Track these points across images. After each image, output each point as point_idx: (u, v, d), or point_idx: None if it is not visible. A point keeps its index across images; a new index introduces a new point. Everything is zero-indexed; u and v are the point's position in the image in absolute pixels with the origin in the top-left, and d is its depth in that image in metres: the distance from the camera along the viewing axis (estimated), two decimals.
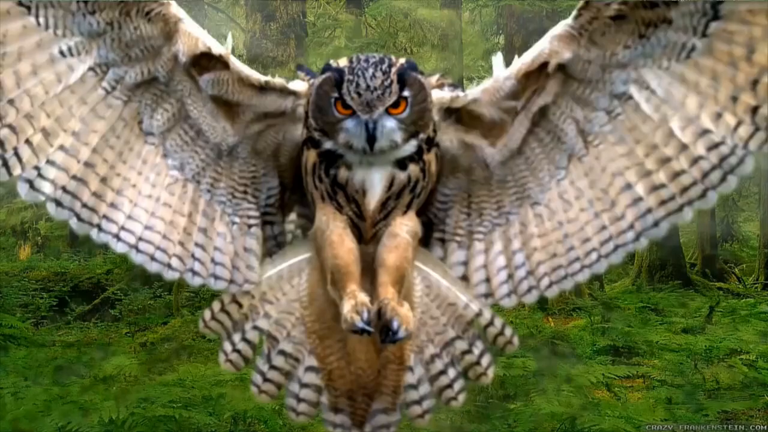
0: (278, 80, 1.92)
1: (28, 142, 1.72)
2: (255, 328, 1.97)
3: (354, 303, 1.79)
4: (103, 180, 1.82)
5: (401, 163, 1.86)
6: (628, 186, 1.82)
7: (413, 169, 1.87)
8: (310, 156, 1.89)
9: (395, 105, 1.79)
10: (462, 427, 5.45)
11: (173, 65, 1.82)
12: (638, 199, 1.82)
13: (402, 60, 1.83)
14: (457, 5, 12.78)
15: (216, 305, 1.97)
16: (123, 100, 1.83)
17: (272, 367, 1.98)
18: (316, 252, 1.95)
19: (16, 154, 1.72)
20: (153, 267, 1.86)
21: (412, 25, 12.23)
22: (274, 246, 2.05)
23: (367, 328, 1.76)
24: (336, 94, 1.79)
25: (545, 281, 1.91)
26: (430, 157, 1.89)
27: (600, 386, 6.24)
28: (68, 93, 1.77)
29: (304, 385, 1.99)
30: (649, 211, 1.81)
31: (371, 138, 1.78)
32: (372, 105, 1.77)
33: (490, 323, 1.99)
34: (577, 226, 1.87)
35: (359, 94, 1.76)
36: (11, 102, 1.70)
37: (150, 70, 1.82)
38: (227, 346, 1.97)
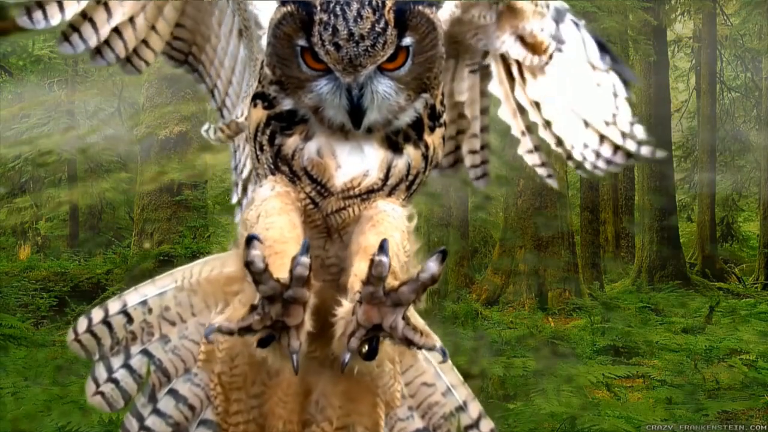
0: None
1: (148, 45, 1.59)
2: (145, 353, 1.43)
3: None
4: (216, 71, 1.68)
5: (393, 142, 1.34)
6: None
7: (413, 154, 1.35)
8: (255, 114, 1.37)
9: (391, 58, 1.26)
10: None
11: None
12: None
13: None
14: None
15: (97, 314, 1.45)
16: None
17: (156, 412, 1.42)
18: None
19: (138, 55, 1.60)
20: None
21: None
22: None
23: (303, 272, 1.11)
24: (303, 42, 1.26)
25: None
26: (434, 138, 1.38)
27: (600, 386, 6.23)
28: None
29: None
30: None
31: (356, 110, 1.27)
32: (357, 63, 1.22)
33: (474, 425, 1.49)
34: None
35: (338, 46, 1.21)
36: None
37: None
38: (99, 372, 1.43)
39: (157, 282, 1.50)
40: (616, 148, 1.55)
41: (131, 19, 1.53)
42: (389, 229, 1.29)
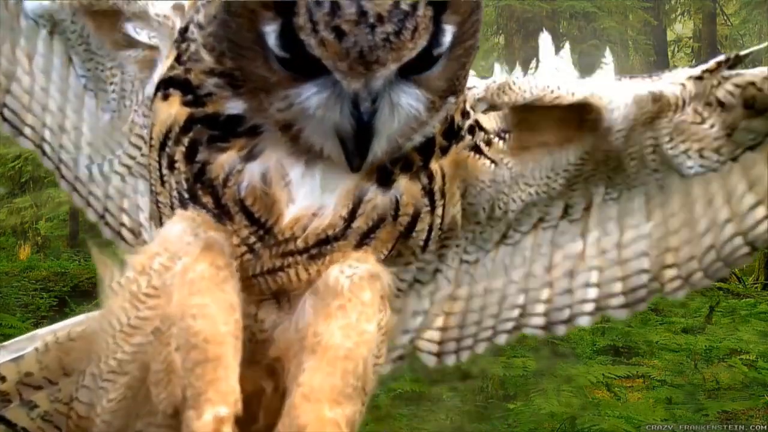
0: None
1: None
2: (2, 420, 1.24)
3: (218, 417, 0.86)
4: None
5: (385, 172, 0.92)
6: None
7: (404, 187, 0.92)
8: (165, 110, 0.92)
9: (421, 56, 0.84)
10: (462, 427, 5.45)
11: None
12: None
13: None
14: None
15: None
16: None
17: None
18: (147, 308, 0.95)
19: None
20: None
21: None
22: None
23: None
24: (275, 29, 0.81)
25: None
26: (445, 163, 0.96)
27: (600, 386, 6.24)
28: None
29: None
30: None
31: (364, 135, 0.82)
32: (373, 59, 0.78)
33: None
34: None
35: (340, 32, 0.77)
36: None
37: None
38: None
39: (9, 346, 1.27)
40: None
41: None
42: (362, 322, 0.91)
